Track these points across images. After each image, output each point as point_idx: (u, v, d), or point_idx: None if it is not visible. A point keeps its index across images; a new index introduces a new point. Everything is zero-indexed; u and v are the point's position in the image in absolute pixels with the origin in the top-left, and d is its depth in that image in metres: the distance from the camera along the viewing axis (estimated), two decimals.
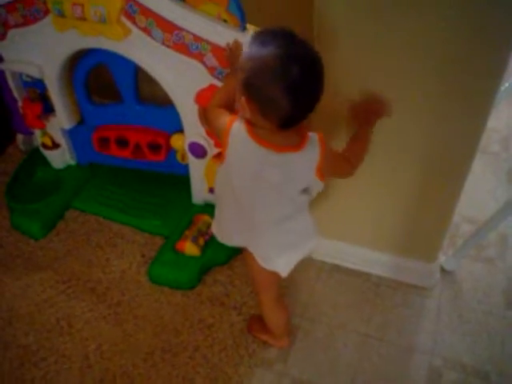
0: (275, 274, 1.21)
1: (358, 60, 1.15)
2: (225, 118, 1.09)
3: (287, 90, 0.95)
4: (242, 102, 1.01)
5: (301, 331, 1.44)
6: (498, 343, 1.41)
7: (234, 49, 1.20)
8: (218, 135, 1.13)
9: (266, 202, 1.11)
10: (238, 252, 1.60)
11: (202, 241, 1.56)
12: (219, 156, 1.19)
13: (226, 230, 1.24)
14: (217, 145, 1.48)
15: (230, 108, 1.12)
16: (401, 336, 1.43)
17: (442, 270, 1.57)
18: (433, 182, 1.32)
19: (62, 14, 1.36)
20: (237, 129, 1.06)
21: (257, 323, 1.44)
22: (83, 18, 1.34)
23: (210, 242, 1.58)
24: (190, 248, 1.54)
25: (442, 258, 1.56)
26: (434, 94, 1.14)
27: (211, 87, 1.34)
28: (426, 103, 1.16)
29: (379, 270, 1.56)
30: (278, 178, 1.06)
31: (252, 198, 1.11)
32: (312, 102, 1.00)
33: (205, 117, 1.23)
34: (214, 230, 1.27)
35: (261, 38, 0.99)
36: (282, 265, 1.20)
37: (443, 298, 1.52)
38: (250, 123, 1.04)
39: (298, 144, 1.04)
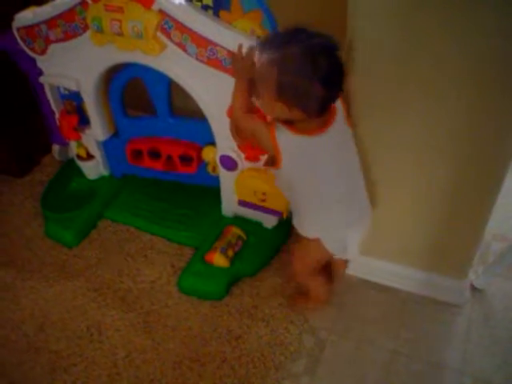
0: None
1: (388, 71, 1.16)
2: (262, 127, 1.15)
3: (322, 80, 1.02)
4: (278, 106, 1.07)
5: (329, 345, 1.44)
6: None
7: (248, 54, 1.20)
8: (259, 140, 1.19)
9: (351, 170, 1.25)
10: (266, 264, 1.61)
11: (231, 252, 1.57)
12: (270, 163, 1.24)
13: (334, 225, 1.29)
14: (248, 158, 1.50)
15: (251, 106, 1.19)
16: (429, 353, 1.42)
17: (473, 287, 1.55)
18: (464, 198, 1.31)
19: (100, 30, 1.40)
20: (280, 133, 1.13)
21: (295, 299, 1.52)
22: (121, 34, 1.38)
23: (239, 254, 1.59)
24: (218, 259, 1.55)
25: (472, 276, 1.54)
26: (468, 110, 1.14)
27: None
28: (458, 119, 1.16)
29: (408, 286, 1.55)
30: (337, 147, 1.19)
31: (340, 175, 1.22)
32: (342, 82, 1.08)
33: (237, 126, 1.28)
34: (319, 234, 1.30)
35: (274, 41, 1.06)
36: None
37: (473, 316, 1.49)
38: (287, 122, 1.11)
39: (331, 115, 1.15)
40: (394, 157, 1.30)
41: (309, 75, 1.02)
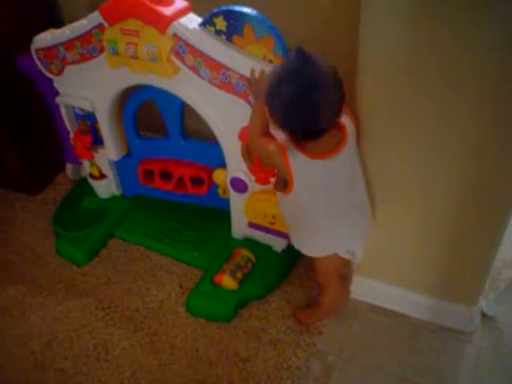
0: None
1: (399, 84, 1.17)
2: (275, 150, 1.18)
3: (308, 111, 1.07)
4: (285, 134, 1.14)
5: (336, 371, 1.42)
6: None
7: (260, 77, 1.25)
8: (272, 163, 1.23)
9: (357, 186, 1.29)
10: (274, 287, 1.61)
11: (239, 274, 1.57)
12: (280, 187, 1.27)
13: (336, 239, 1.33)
14: (259, 180, 1.51)
15: (266, 130, 1.23)
16: (438, 382, 1.39)
17: (483, 314, 1.53)
18: (474, 225, 1.30)
19: (116, 53, 1.44)
20: (293, 157, 1.16)
21: (304, 313, 1.53)
22: (135, 57, 1.41)
23: (248, 277, 1.59)
24: (227, 281, 1.55)
25: (482, 303, 1.52)
26: (479, 132, 1.14)
27: None
28: (468, 142, 1.16)
29: (417, 312, 1.53)
30: (349, 166, 1.23)
31: (350, 191, 1.27)
32: (336, 107, 1.10)
33: (251, 148, 1.30)
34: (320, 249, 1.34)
35: (280, 72, 1.10)
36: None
37: (484, 345, 1.47)
38: (299, 145, 1.16)
39: (343, 136, 1.17)
40: (402, 181, 1.30)
41: (298, 119, 1.09)
